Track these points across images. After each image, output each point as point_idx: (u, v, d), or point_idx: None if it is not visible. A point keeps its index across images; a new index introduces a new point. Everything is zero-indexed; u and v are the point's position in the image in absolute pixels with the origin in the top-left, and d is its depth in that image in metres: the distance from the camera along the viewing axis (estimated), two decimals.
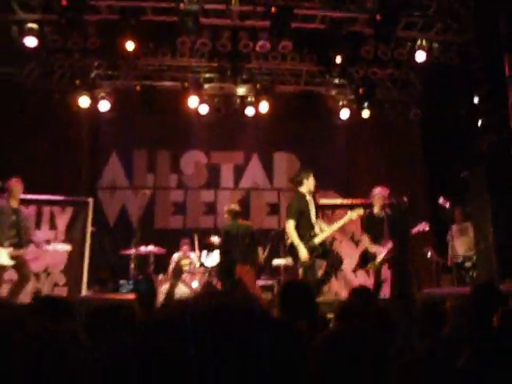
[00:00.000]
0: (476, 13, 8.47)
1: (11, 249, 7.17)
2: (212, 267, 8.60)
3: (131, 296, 6.91)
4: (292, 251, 7.01)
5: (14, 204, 7.44)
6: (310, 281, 6.84)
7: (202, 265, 8.83)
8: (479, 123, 8.98)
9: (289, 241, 7.08)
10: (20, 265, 7.33)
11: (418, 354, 2.12)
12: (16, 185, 7.42)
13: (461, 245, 8.79)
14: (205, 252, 8.81)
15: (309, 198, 7.13)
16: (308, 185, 7.17)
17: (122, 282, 8.08)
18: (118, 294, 7.63)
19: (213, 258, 8.69)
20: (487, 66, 8.69)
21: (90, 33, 8.45)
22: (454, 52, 8.95)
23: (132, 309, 3.08)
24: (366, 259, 7.71)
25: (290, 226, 6.94)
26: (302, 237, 6.89)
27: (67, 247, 7.76)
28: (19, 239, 7.31)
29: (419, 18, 8.75)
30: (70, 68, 9.17)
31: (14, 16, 8.17)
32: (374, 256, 7.52)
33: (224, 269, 8.01)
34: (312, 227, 7.01)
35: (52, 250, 7.61)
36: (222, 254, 8.12)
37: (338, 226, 7.37)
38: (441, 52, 9.00)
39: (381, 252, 7.48)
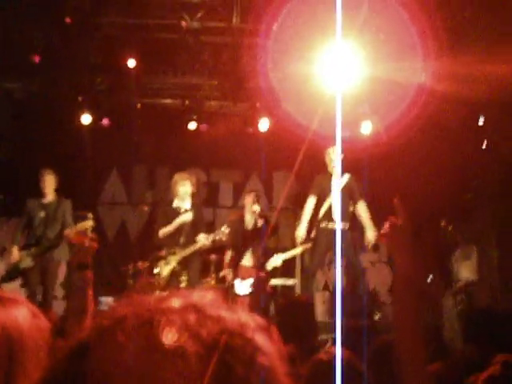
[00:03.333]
0: None
1: (33, 249, 6.63)
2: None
3: None
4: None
5: (46, 199, 6.87)
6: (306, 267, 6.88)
7: None
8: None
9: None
10: (43, 272, 6.59)
11: None
12: (43, 178, 6.88)
13: (464, 269, 8.58)
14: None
15: (334, 179, 6.90)
16: (327, 163, 7.01)
17: (102, 298, 8.00)
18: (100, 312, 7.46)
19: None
20: None
21: (92, 48, 8.54)
22: None
23: None
24: None
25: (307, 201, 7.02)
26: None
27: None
28: (46, 237, 6.64)
29: None
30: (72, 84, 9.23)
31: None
32: None
33: None
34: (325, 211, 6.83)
35: None
36: None
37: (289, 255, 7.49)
38: None
39: None
